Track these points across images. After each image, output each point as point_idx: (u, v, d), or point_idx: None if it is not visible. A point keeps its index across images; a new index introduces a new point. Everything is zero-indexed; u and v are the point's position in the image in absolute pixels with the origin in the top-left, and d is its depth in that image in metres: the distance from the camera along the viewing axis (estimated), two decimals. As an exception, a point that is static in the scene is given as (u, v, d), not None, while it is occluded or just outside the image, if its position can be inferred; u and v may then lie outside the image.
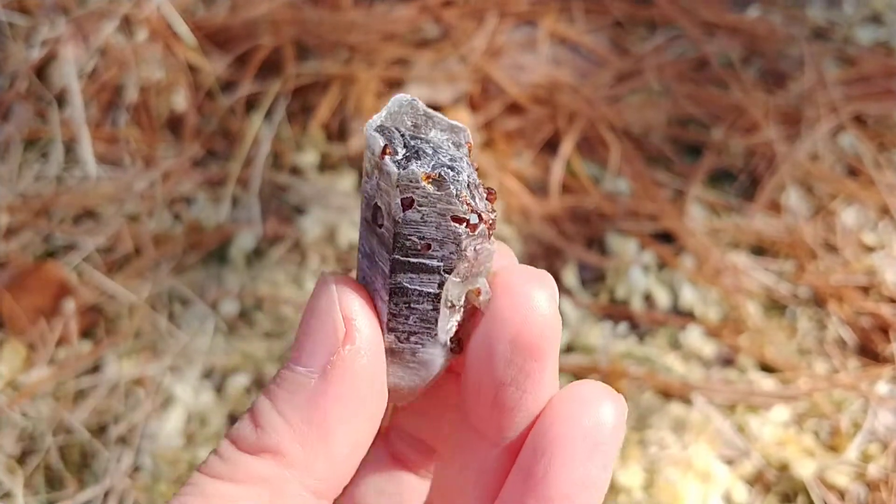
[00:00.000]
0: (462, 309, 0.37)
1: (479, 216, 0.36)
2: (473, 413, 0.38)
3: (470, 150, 0.37)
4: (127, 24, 1.22)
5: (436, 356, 0.38)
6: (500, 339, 0.35)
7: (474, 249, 0.36)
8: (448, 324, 0.37)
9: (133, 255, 1.07)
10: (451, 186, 0.35)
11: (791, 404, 0.94)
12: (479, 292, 0.37)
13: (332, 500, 0.36)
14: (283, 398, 0.35)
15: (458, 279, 0.37)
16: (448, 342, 0.38)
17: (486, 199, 0.36)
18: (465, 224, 0.36)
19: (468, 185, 0.36)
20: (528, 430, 0.38)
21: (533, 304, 0.35)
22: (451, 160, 0.36)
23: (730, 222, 1.09)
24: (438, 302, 0.37)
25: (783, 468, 0.90)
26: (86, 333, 1.02)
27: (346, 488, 0.40)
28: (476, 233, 0.36)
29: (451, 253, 0.36)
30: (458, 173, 0.35)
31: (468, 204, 0.36)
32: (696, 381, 0.95)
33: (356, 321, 0.35)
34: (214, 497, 0.33)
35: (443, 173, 0.35)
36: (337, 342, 0.35)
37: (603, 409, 0.35)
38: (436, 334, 0.37)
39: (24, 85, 1.18)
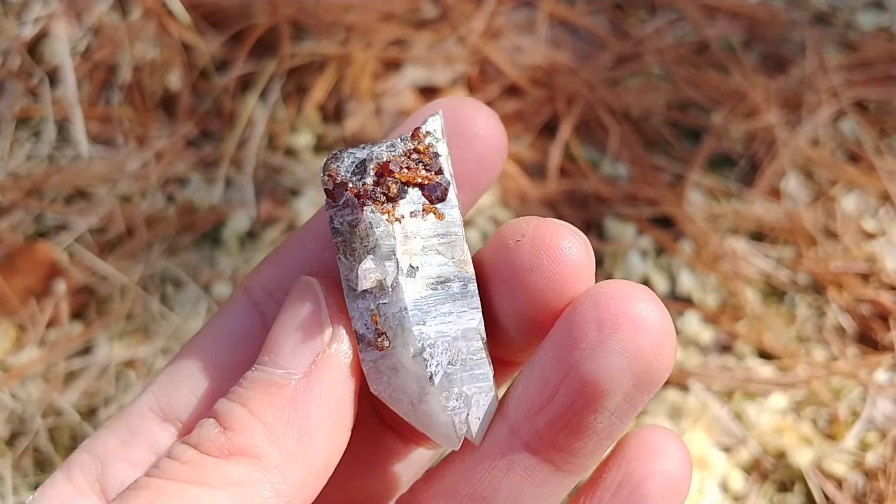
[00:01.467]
0: (367, 294, 0.35)
1: (344, 185, 0.35)
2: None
3: (416, 136, 0.36)
4: (120, 2, 1.20)
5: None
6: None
7: (345, 223, 0.35)
8: (359, 312, 0.36)
9: (125, 235, 1.06)
10: (324, 163, 0.35)
11: (789, 392, 0.94)
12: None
13: None
14: (257, 399, 0.33)
15: (346, 260, 0.36)
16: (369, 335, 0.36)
17: (385, 175, 0.35)
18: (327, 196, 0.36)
19: (353, 162, 0.35)
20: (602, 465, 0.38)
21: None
22: (361, 149, 0.36)
23: (729, 208, 1.08)
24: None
25: (780, 456, 0.89)
26: (77, 315, 1.01)
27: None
28: (340, 202, 0.35)
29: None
30: (346, 154, 0.36)
31: (329, 174, 0.35)
32: (694, 368, 0.95)
33: (343, 323, 0.35)
34: (179, 500, 0.31)
35: (328, 156, 0.35)
36: (323, 343, 0.34)
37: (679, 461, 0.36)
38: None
39: (16, 62, 1.16)
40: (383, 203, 0.35)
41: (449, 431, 0.35)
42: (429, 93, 1.17)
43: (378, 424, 0.42)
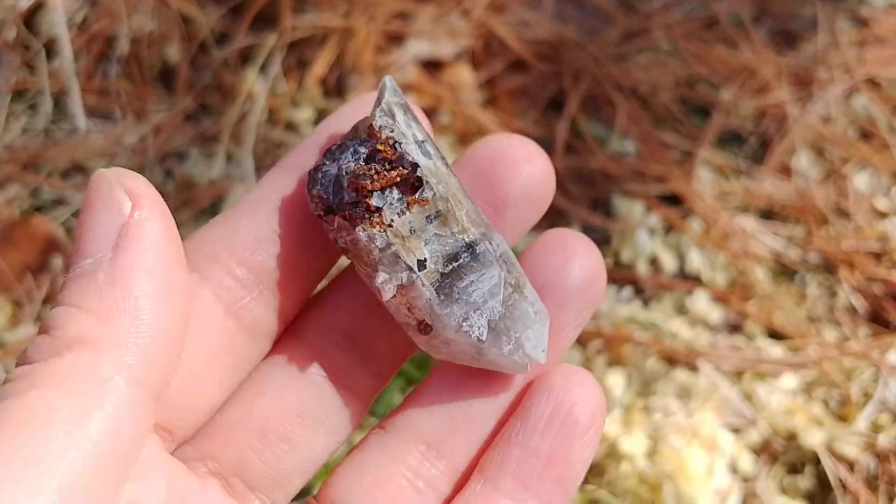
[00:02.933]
0: (395, 296, 0.37)
1: (332, 210, 0.37)
2: None
3: (373, 134, 0.37)
4: (118, -27, 1.18)
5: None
6: None
7: (347, 242, 0.37)
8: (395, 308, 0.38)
9: (123, 210, 1.04)
10: (307, 188, 0.37)
11: (800, 372, 0.92)
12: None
13: (155, 395, 0.33)
14: (74, 292, 0.32)
15: (363, 269, 0.37)
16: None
17: (360, 192, 0.36)
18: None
19: (329, 181, 0.37)
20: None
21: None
22: (332, 161, 0.37)
23: (739, 185, 1.06)
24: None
25: (791, 438, 0.88)
26: (73, 291, 0.99)
27: None
28: (335, 226, 0.37)
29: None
30: (320, 172, 0.37)
31: (315, 201, 0.37)
32: (703, 348, 0.93)
33: (141, 190, 0.34)
34: (14, 415, 0.29)
35: (307, 179, 0.37)
36: (124, 217, 0.33)
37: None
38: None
39: (12, 34, 1.14)
40: (370, 217, 0.36)
41: (515, 367, 0.39)
42: (432, 66, 1.15)
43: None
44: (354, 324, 0.41)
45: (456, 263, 0.37)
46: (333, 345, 0.40)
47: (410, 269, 0.36)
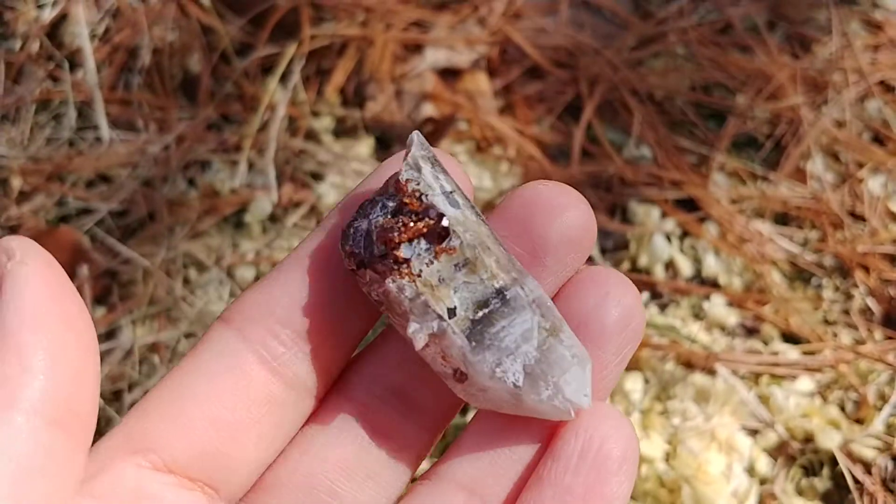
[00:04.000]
0: (428, 346, 0.37)
1: (363, 264, 0.37)
2: None
3: (400, 188, 0.37)
4: (139, -15, 1.20)
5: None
6: None
7: (380, 294, 0.37)
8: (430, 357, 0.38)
9: (147, 219, 1.05)
10: (341, 245, 0.38)
11: (816, 375, 0.93)
12: None
13: (69, 429, 0.33)
14: None
15: (397, 319, 0.38)
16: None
17: (389, 245, 0.36)
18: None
19: (361, 236, 0.37)
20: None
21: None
22: (362, 217, 0.38)
23: (754, 190, 1.07)
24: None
25: (808, 440, 0.89)
26: (99, 299, 1.01)
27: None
28: (367, 280, 0.37)
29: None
30: (352, 229, 0.37)
31: (349, 256, 0.37)
32: (720, 352, 0.94)
33: (13, 242, 0.34)
34: None
35: (341, 237, 0.38)
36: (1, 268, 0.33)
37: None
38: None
39: (36, 46, 1.16)
40: (399, 268, 0.36)
41: (557, 413, 0.38)
42: (449, 74, 1.16)
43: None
44: (400, 378, 0.40)
45: (487, 310, 0.37)
46: (380, 400, 0.40)
47: (440, 317, 0.36)
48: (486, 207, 1.02)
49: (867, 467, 0.87)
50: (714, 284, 1.01)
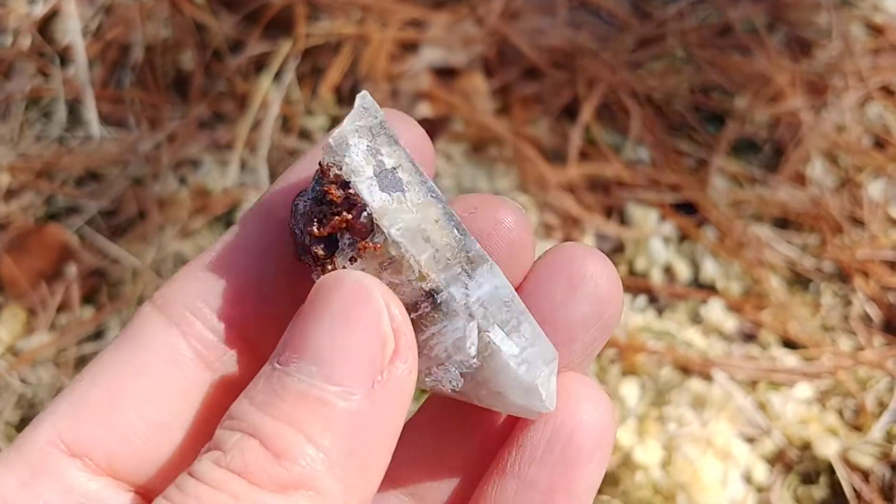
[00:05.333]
0: None
1: (301, 245, 0.34)
2: None
3: (322, 172, 0.34)
4: (133, -19, 1.19)
5: None
6: None
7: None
8: None
9: (137, 218, 1.04)
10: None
11: (814, 382, 0.92)
12: None
13: None
14: (313, 423, 0.29)
15: None
16: None
17: (309, 234, 0.34)
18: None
19: (301, 215, 0.34)
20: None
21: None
22: (300, 197, 0.35)
23: (753, 194, 1.06)
24: None
25: (805, 447, 0.88)
26: (88, 299, 1.00)
27: None
28: (316, 267, 0.34)
29: None
30: (296, 208, 0.34)
31: (290, 239, 0.35)
32: (717, 357, 0.93)
33: (407, 334, 0.31)
34: None
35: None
36: (384, 359, 0.30)
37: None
38: None
39: (27, 42, 1.15)
40: (322, 265, 0.34)
41: (520, 412, 0.35)
42: (446, 74, 1.15)
43: None
44: None
45: (415, 314, 0.33)
46: None
47: None
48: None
49: (865, 475, 0.86)
50: (712, 289, 1.00)
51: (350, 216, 0.33)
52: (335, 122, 1.12)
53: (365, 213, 0.33)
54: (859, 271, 1.00)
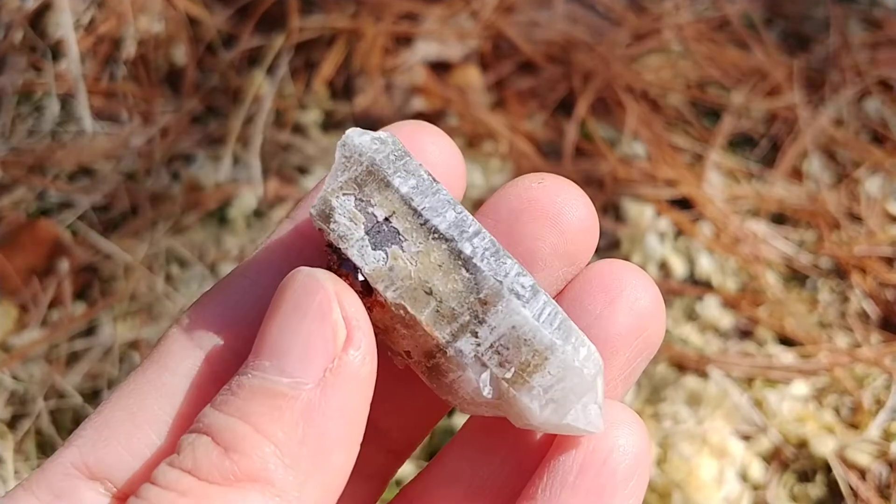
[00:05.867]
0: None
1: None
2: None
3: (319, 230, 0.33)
4: (125, -26, 1.18)
5: None
6: None
7: None
8: None
9: (129, 213, 1.04)
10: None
11: (811, 379, 0.91)
12: None
13: None
14: (263, 414, 0.29)
15: None
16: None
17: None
18: None
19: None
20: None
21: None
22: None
23: (750, 189, 1.05)
24: None
25: (802, 445, 0.87)
26: (80, 294, 0.99)
27: None
28: None
29: None
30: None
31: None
32: (713, 354, 0.93)
33: (359, 322, 0.30)
34: None
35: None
36: (336, 347, 0.30)
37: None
38: None
39: (19, 36, 1.14)
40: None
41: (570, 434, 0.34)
42: (440, 68, 1.14)
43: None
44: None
45: (434, 361, 0.33)
46: None
47: (400, 355, 0.34)
48: (476, 205, 1.00)
49: (862, 474, 0.85)
50: (708, 285, 0.99)
51: (348, 281, 0.32)
52: (329, 116, 1.12)
53: (360, 279, 0.32)
54: (857, 268, 0.99)
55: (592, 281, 0.35)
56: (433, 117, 1.09)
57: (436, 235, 0.33)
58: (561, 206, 0.35)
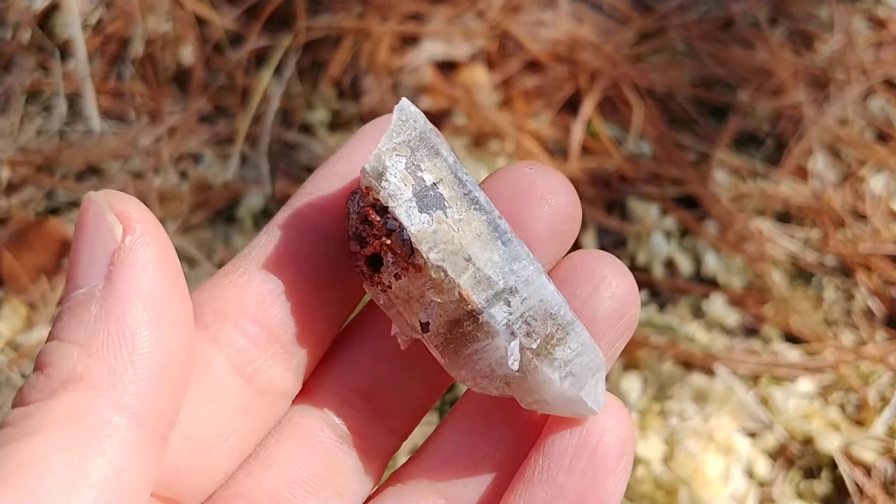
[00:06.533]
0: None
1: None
2: None
3: (363, 191, 0.34)
4: (133, -26, 1.18)
5: None
6: None
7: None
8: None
9: (138, 213, 1.04)
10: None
11: (816, 376, 0.92)
12: None
13: (160, 434, 0.30)
14: (67, 325, 0.29)
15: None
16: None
17: (355, 251, 0.34)
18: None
19: (349, 225, 0.35)
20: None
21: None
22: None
23: (755, 187, 1.06)
24: None
25: (807, 442, 0.88)
26: (89, 293, 0.99)
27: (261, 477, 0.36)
28: (364, 279, 0.35)
29: None
30: (349, 207, 0.35)
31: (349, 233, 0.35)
32: (719, 352, 0.93)
33: (132, 213, 0.31)
34: (11, 462, 0.27)
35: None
36: (115, 242, 0.30)
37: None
38: None
39: (27, 36, 1.14)
40: (369, 279, 0.34)
41: (574, 415, 0.36)
42: (447, 67, 1.14)
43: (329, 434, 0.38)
44: (368, 381, 0.38)
45: (459, 331, 0.34)
46: (347, 404, 0.38)
47: (415, 329, 0.34)
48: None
49: (867, 470, 0.86)
50: (713, 283, 1.00)
51: (389, 241, 0.33)
52: (336, 115, 1.12)
53: (404, 237, 0.33)
54: (862, 266, 1.00)
55: (577, 268, 0.36)
56: (440, 116, 1.09)
57: (476, 206, 0.34)
58: (553, 189, 0.36)
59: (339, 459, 0.38)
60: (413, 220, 0.33)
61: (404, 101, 0.34)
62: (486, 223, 0.34)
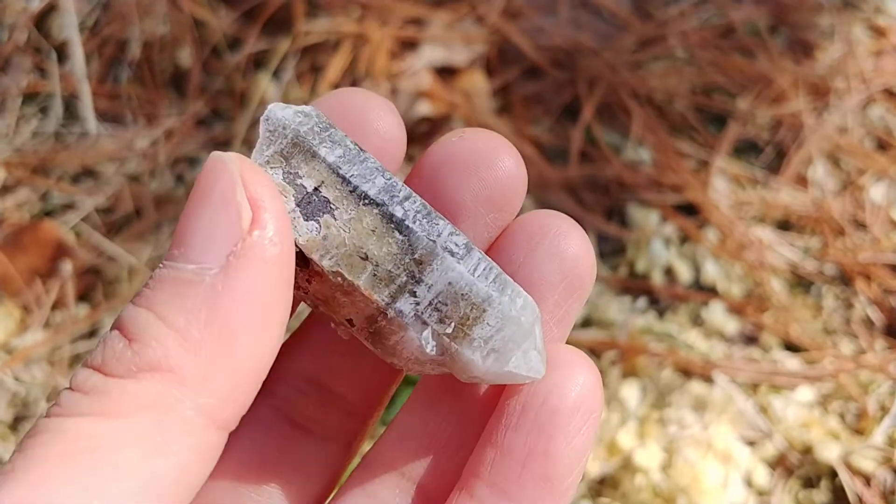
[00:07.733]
0: None
1: None
2: None
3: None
4: (131, -23, 1.18)
5: None
6: None
7: None
8: None
9: (133, 215, 1.03)
10: None
11: (816, 385, 0.91)
12: None
13: (228, 430, 0.29)
14: (167, 301, 0.28)
15: None
16: None
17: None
18: None
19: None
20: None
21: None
22: None
23: (755, 195, 1.05)
24: None
25: (807, 451, 0.87)
26: (83, 296, 0.99)
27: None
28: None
29: None
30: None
31: None
32: (718, 360, 0.92)
33: (265, 202, 0.29)
34: (83, 440, 0.26)
35: None
36: (241, 230, 0.29)
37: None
38: None
39: (23, 37, 1.14)
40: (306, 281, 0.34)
41: (514, 382, 0.35)
42: (446, 73, 1.14)
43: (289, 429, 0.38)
44: (318, 368, 0.38)
45: (376, 325, 0.34)
46: (299, 392, 0.37)
47: (343, 325, 0.34)
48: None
49: (867, 480, 0.85)
50: (713, 291, 0.99)
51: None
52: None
53: (295, 249, 0.32)
54: (861, 274, 0.99)
55: (516, 232, 0.36)
56: (439, 122, 1.08)
57: (366, 201, 0.33)
58: (481, 155, 0.35)
59: (294, 445, 0.37)
60: (300, 231, 0.32)
61: (270, 108, 0.33)
62: (378, 217, 0.33)
